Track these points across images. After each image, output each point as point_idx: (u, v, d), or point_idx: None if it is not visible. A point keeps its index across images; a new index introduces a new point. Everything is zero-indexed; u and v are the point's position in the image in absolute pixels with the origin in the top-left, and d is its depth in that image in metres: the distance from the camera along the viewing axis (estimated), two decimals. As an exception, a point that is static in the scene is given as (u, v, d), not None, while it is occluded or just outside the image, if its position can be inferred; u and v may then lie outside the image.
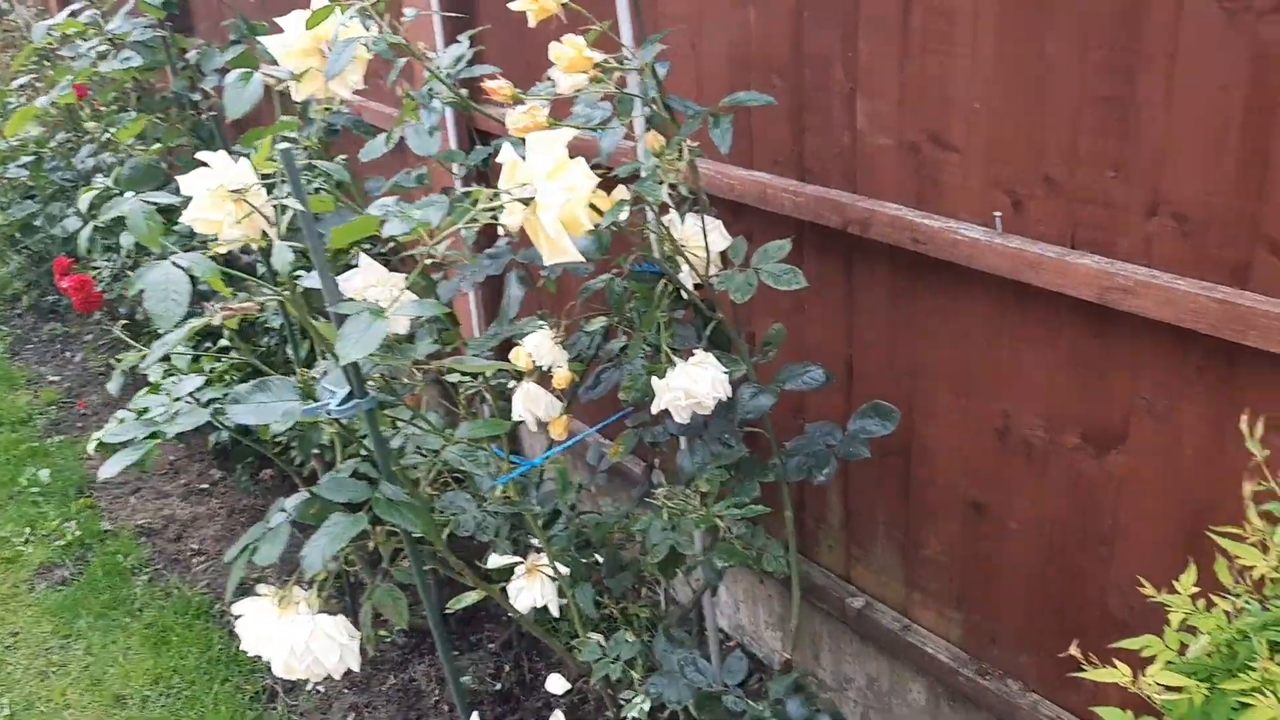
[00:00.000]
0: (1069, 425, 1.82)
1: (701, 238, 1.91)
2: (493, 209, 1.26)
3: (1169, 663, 1.37)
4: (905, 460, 2.15)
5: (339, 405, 1.41)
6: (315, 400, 1.45)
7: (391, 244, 1.71)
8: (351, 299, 1.42)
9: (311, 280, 1.41)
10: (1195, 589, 1.40)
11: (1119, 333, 1.69)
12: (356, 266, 1.77)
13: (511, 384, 2.07)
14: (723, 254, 1.95)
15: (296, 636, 1.42)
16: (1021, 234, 1.77)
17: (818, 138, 2.08)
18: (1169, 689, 1.32)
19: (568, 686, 2.62)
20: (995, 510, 2.00)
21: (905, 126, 1.90)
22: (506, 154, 1.32)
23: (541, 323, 2.03)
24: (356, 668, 1.50)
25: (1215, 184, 1.50)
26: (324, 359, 1.79)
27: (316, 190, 1.76)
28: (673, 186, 1.63)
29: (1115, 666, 1.35)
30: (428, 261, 1.35)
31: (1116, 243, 1.65)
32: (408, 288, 1.44)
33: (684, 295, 1.96)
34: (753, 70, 2.16)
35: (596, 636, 2.19)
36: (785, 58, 2.08)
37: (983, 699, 2.09)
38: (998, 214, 1.79)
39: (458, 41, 2.01)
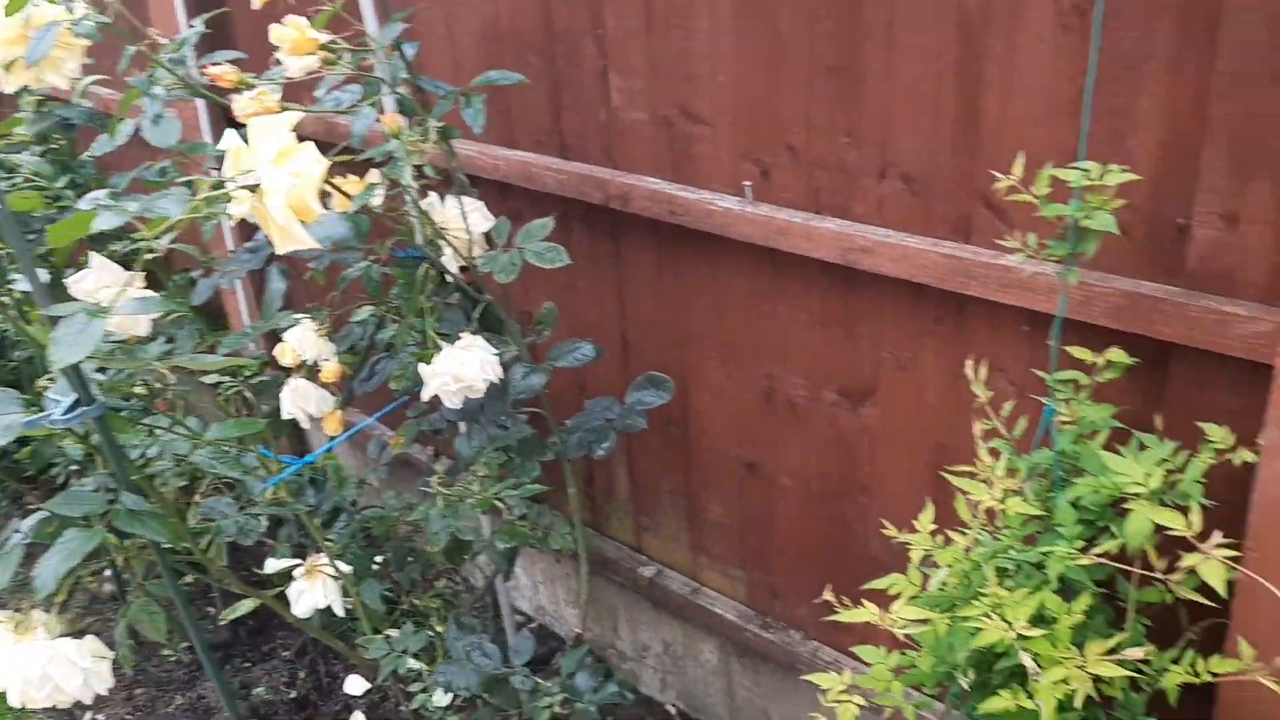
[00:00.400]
0: (827, 383, 1.90)
1: (462, 220, 1.89)
2: (216, 198, 1.21)
3: (913, 597, 1.45)
4: (684, 428, 2.20)
5: (63, 414, 1.33)
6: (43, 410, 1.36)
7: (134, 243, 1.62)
8: (75, 300, 1.33)
9: (25, 283, 1.32)
10: (935, 527, 1.49)
11: (863, 291, 1.78)
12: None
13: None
14: (488, 235, 1.94)
15: (32, 663, 1.33)
16: (770, 202, 1.83)
17: (576, 115, 2.09)
18: (914, 622, 1.40)
19: (367, 686, 2.57)
20: (767, 469, 2.07)
21: (657, 101, 1.94)
22: (229, 141, 1.26)
23: (302, 316, 1.96)
24: (104, 691, 1.42)
25: (934, 145, 1.59)
26: (62, 367, 1.68)
27: (15, 187, 1.64)
28: (418, 168, 1.60)
29: (866, 607, 1.42)
30: (149, 256, 1.28)
31: (854, 206, 1.73)
32: (170, 287, 1.37)
33: (449, 279, 1.94)
34: (507, 48, 2.15)
35: (395, 633, 2.14)
36: (538, 35, 2.08)
37: (768, 651, 2.17)
38: (747, 184, 1.85)
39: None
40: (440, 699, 2.12)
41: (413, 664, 2.08)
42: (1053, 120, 1.46)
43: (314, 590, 2.02)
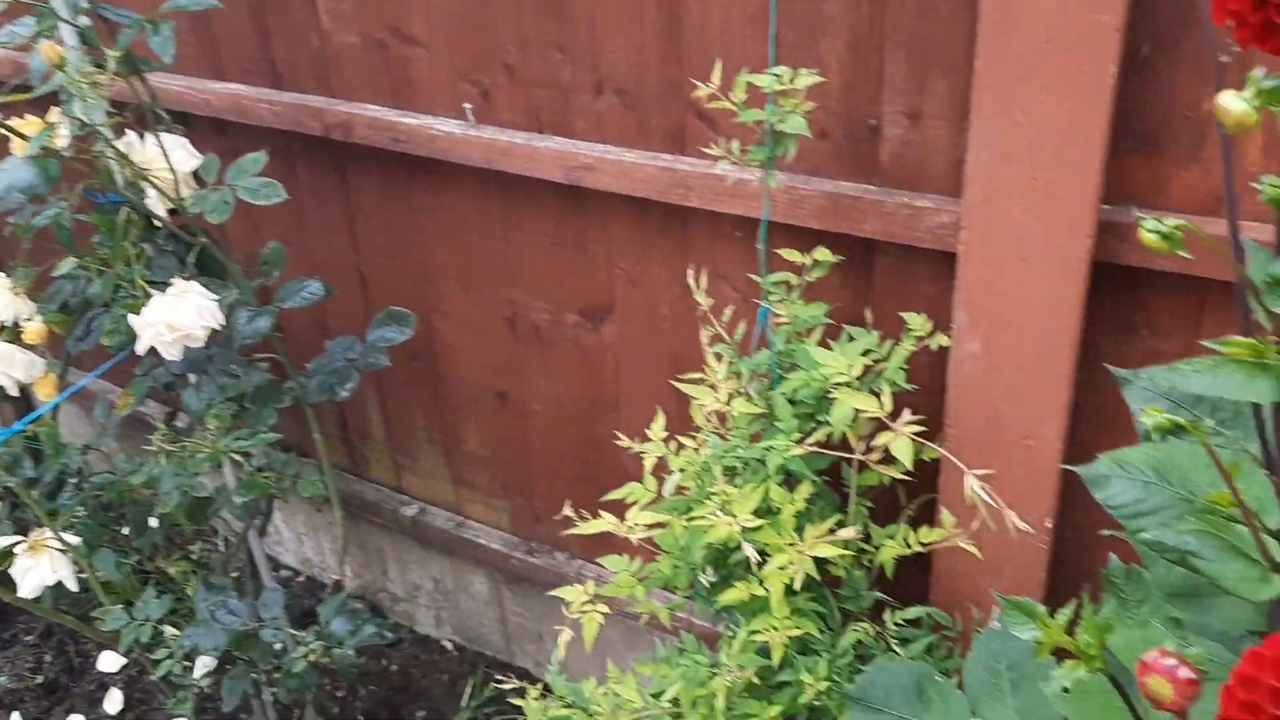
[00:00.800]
0: (567, 304, 1.90)
1: (165, 159, 1.76)
2: None
3: (649, 503, 1.48)
4: (432, 362, 2.16)
5: None
6: None
7: None
8: None
9: None
10: (668, 434, 1.52)
11: (592, 209, 1.78)
12: None
13: None
14: (197, 174, 1.82)
15: None
16: (493, 123, 1.80)
17: (285, 41, 1.98)
18: (650, 526, 1.43)
19: (123, 661, 2.43)
20: (518, 396, 2.07)
21: (369, 23, 1.85)
22: None
23: (-5, 273, 1.79)
24: None
25: (643, 57, 1.60)
26: None
27: None
28: (118, 105, 1.48)
29: (604, 518, 1.44)
30: None
31: (574, 123, 1.72)
32: None
33: (157, 224, 1.81)
34: (205, -27, 2.00)
35: (153, 601, 2.02)
36: (237, -43, 1.95)
37: (535, 575, 2.19)
38: (468, 106, 1.81)
39: None
40: (200, 668, 2.03)
41: (170, 631, 1.98)
42: (750, 27, 1.49)
43: (40, 567, 1.88)
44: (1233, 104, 0.57)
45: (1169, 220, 0.63)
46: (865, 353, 1.44)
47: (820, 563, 1.51)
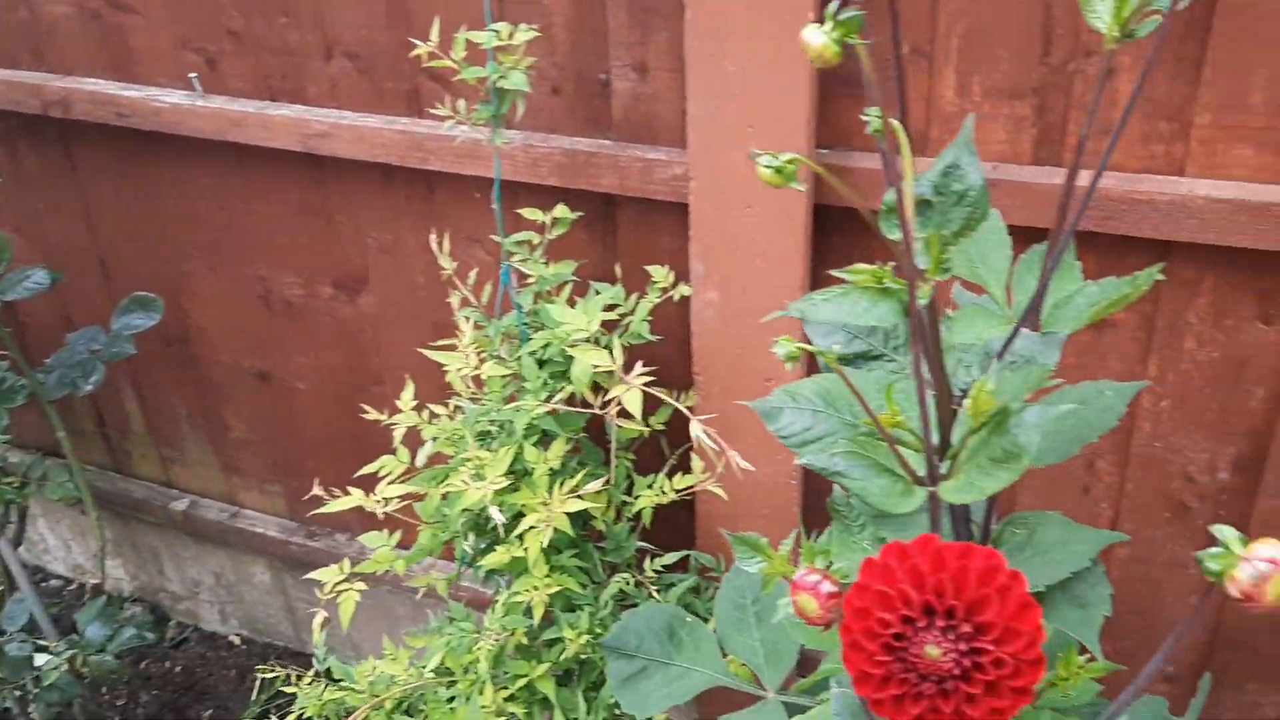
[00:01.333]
0: (320, 277, 1.84)
1: None
2: None
3: (402, 475, 1.46)
4: (187, 346, 2.06)
5: None
6: None
7: None
8: None
9: None
10: (417, 403, 1.49)
11: (334, 178, 1.72)
12: None
13: None
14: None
15: None
16: (222, 93, 1.72)
17: (-12, 12, 1.83)
18: (404, 498, 1.40)
19: None
20: (280, 375, 1.99)
21: (78, -10, 1.73)
22: None
23: None
24: None
25: (371, 19, 1.55)
26: None
27: None
28: None
29: (351, 494, 1.41)
30: None
31: (307, 89, 1.66)
32: None
33: None
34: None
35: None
36: (-78, -80, 1.78)
37: (317, 559, 2.12)
38: (194, 75, 1.72)
39: None
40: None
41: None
42: (473, -16, 1.46)
43: None
44: (814, 37, 0.59)
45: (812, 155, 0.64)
46: (611, 307, 1.45)
47: (584, 518, 1.53)
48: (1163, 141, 1.23)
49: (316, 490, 1.45)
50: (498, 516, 1.29)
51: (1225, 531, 0.54)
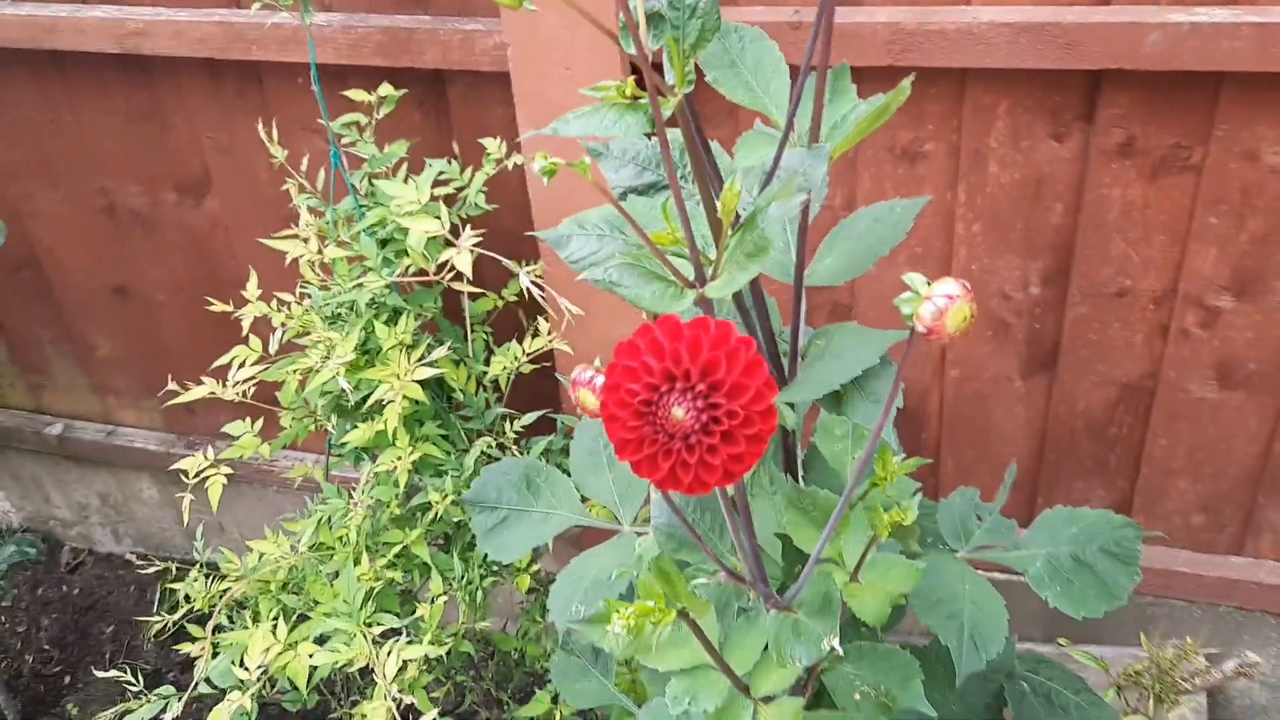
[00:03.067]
0: (162, 183, 1.82)
1: None
2: None
3: (259, 361, 1.48)
4: (39, 269, 2.02)
5: None
6: None
7: None
8: None
9: None
10: (261, 291, 1.51)
11: (162, 78, 1.69)
12: None
13: None
14: None
15: None
16: (31, -2, 1.67)
17: None
18: (248, 381, 1.43)
19: None
20: (138, 289, 1.98)
21: None
22: None
23: None
24: None
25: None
26: None
27: None
28: None
29: (205, 383, 1.43)
30: None
31: (120, -13, 1.62)
32: None
33: None
34: None
35: None
36: None
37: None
38: (-1, -19, 1.66)
39: None
40: None
41: None
42: None
43: None
44: None
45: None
46: (446, 182, 1.48)
47: (445, 392, 1.57)
48: (949, -29, 1.29)
49: (171, 385, 1.47)
50: (346, 386, 1.33)
51: (913, 278, 0.61)
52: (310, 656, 1.36)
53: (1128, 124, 1.32)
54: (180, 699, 1.42)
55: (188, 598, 1.59)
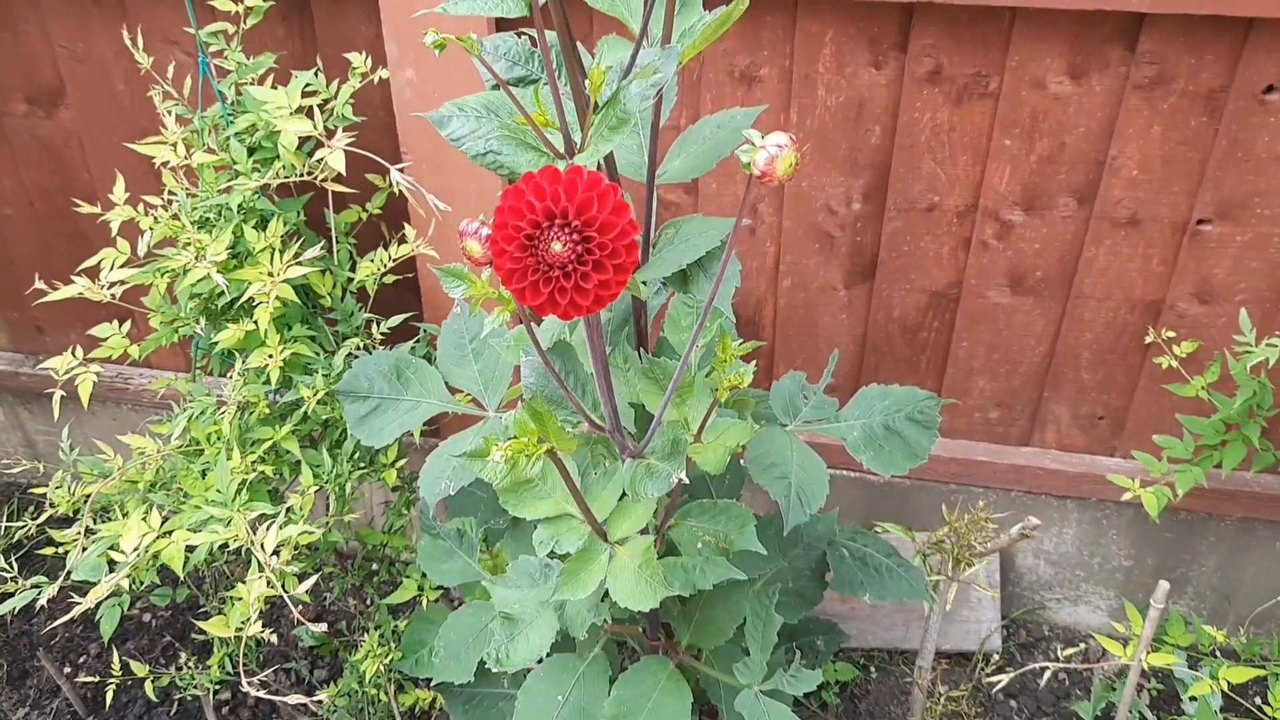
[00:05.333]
0: (11, 93, 1.81)
1: None
2: None
3: (127, 263, 1.51)
4: (-128, 182, 1.97)
5: None
6: None
7: None
8: None
9: None
10: (130, 195, 1.54)
11: (13, -16, 1.68)
12: None
13: None
14: None
15: None
16: None
17: None
18: (119, 284, 1.47)
19: None
20: (-17, 202, 1.95)
21: None
22: None
23: None
24: None
25: None
26: None
27: None
28: None
29: (75, 282, 1.46)
30: None
31: (-31, -113, 1.60)
32: None
33: None
34: None
35: None
36: None
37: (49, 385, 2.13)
38: None
39: None
40: None
41: None
42: None
43: None
44: None
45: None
46: (311, 93, 1.54)
47: (312, 298, 1.64)
48: (784, -91, 1.43)
49: (39, 284, 1.49)
50: (222, 282, 1.39)
51: (752, 133, 0.74)
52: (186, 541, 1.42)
53: (936, 53, 1.50)
54: (54, 586, 1.45)
55: (51, 504, 1.61)
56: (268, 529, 1.37)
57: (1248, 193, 1.52)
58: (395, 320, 1.61)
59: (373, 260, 1.60)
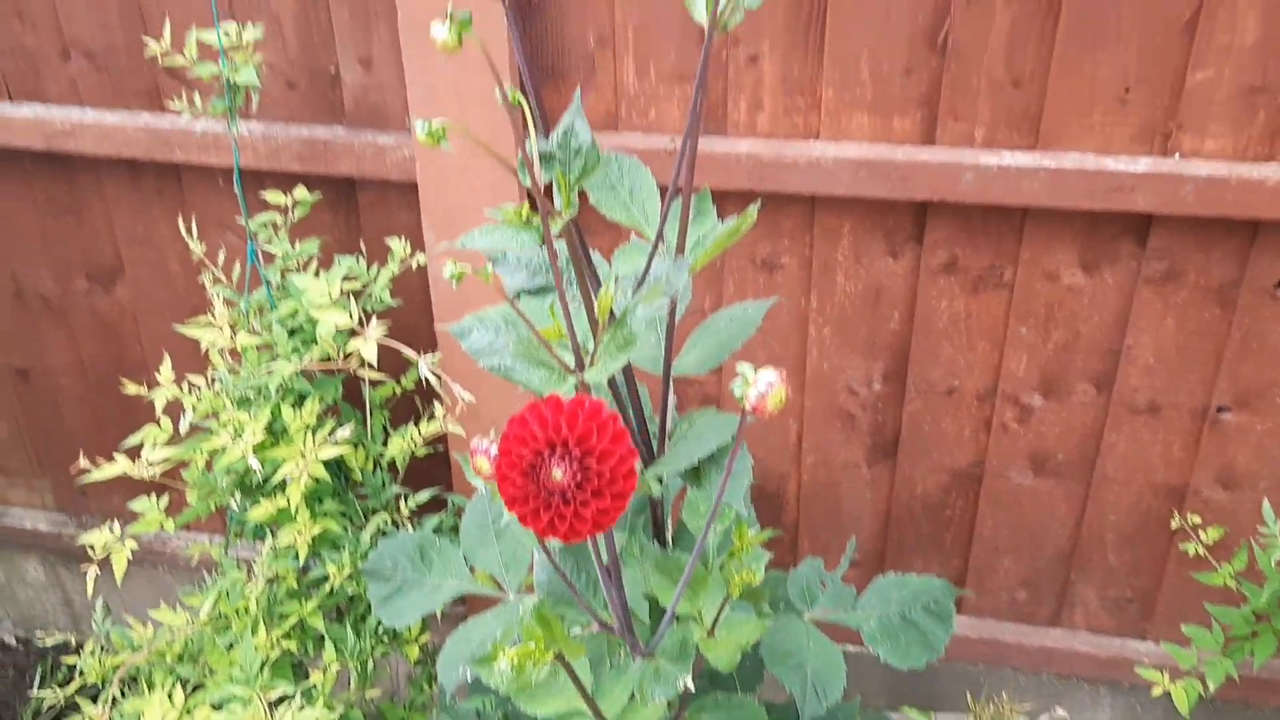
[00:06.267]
0: (74, 271, 1.91)
1: None
2: None
3: (169, 442, 1.57)
4: (-61, 350, 2.07)
5: None
6: None
7: None
8: None
9: None
10: (176, 376, 1.61)
11: (83, 174, 1.80)
12: None
13: None
14: None
15: None
16: (-40, 95, 1.77)
17: None
18: (163, 462, 1.53)
19: None
20: (40, 370, 2.04)
21: None
22: None
23: None
24: None
25: (105, 19, 1.65)
26: None
27: None
28: None
29: (118, 461, 1.52)
30: None
31: (49, 89, 1.74)
32: None
33: None
34: None
35: None
36: None
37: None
38: (-72, 78, 1.76)
39: None
40: None
41: None
42: (203, -12, 1.59)
43: None
44: (439, 31, 0.79)
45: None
46: (350, 278, 1.62)
47: (344, 472, 1.69)
48: (800, 113, 1.51)
49: (82, 463, 1.55)
50: (255, 465, 1.44)
51: (744, 366, 0.78)
52: (207, 720, 1.44)
53: (951, 246, 1.55)
54: (76, 765, 1.47)
55: (80, 672, 1.64)
56: (288, 709, 1.38)
57: (1266, 383, 1.53)
58: (424, 496, 1.65)
59: (404, 436, 1.65)
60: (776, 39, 1.47)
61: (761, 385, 0.76)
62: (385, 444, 1.69)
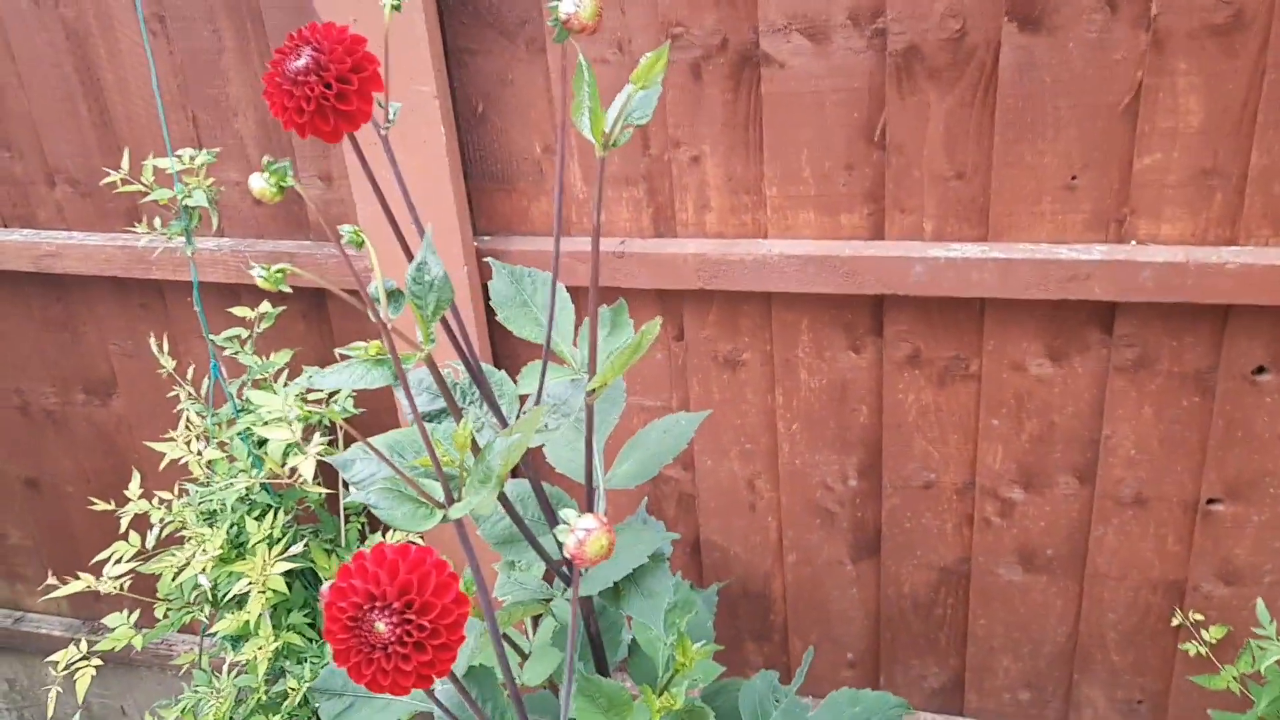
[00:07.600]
0: (72, 385, 1.97)
1: None
2: None
3: (137, 555, 1.59)
4: (-44, 463, 2.15)
5: None
6: None
7: None
8: None
9: None
10: (142, 491, 1.63)
11: (74, 292, 1.86)
12: None
13: None
14: None
15: None
16: (-41, 222, 1.85)
17: None
18: (122, 576, 1.54)
19: None
20: (49, 480, 2.10)
21: None
22: None
23: None
24: None
25: (84, 148, 1.71)
26: None
27: None
28: None
29: (81, 578, 1.54)
30: None
31: (38, 214, 1.81)
32: None
33: None
34: None
35: None
36: None
37: (104, 655, 2.21)
38: (-70, 208, 1.85)
39: None
40: None
41: None
42: (171, 115, 1.64)
43: None
44: (256, 182, 0.79)
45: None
46: (314, 389, 1.63)
47: (315, 579, 1.69)
48: (748, 211, 1.49)
49: (50, 580, 1.57)
50: (205, 582, 1.44)
51: (567, 513, 0.75)
52: (163, 842, 1.43)
53: (912, 338, 1.50)
54: None
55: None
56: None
57: (1256, 472, 1.44)
58: (389, 606, 1.63)
59: (380, 540, 1.64)
60: (717, 139, 1.45)
61: (579, 532, 0.73)
62: (363, 545, 1.69)
